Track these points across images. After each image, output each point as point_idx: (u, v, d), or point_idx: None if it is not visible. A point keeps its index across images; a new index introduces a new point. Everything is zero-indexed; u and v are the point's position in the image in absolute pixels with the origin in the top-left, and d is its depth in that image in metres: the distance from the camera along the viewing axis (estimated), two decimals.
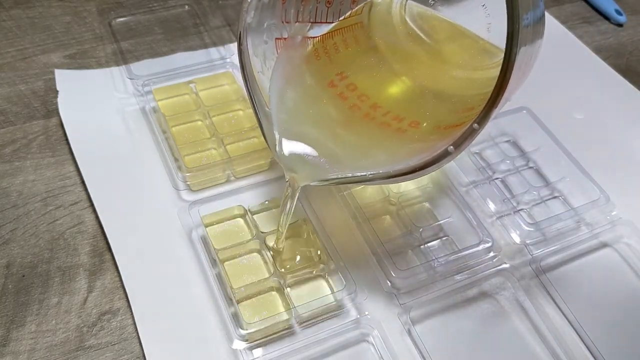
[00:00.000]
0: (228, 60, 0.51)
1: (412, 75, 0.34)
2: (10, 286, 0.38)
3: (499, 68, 0.26)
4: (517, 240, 0.43)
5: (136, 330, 0.36)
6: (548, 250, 0.42)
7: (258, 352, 0.36)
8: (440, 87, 0.34)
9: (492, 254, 0.41)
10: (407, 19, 0.36)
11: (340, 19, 0.37)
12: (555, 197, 0.46)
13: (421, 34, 0.35)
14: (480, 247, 0.41)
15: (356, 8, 0.37)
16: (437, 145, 0.30)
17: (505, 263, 0.41)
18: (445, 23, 0.36)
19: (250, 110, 0.46)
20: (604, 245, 0.43)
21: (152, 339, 0.36)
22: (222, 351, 0.36)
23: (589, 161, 0.47)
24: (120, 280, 0.38)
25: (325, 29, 0.37)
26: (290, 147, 0.34)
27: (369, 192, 0.44)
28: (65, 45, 0.53)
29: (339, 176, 0.33)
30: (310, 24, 0.36)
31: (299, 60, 0.36)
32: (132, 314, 0.37)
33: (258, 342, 0.36)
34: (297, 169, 0.34)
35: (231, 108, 0.47)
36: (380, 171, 0.31)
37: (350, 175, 0.33)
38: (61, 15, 0.56)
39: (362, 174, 0.32)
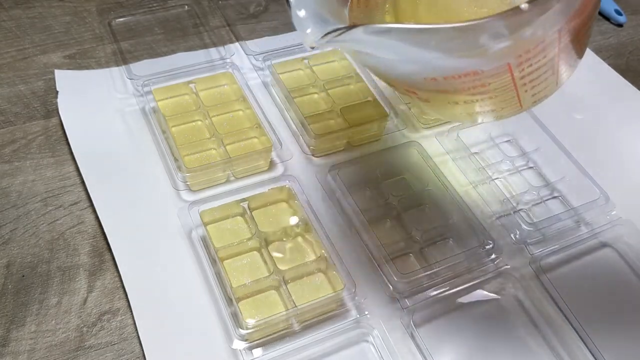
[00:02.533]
0: (228, 60, 0.51)
1: None
2: (10, 286, 0.38)
3: None
4: (517, 240, 0.43)
5: (136, 330, 0.36)
6: (548, 250, 0.42)
7: (258, 352, 0.36)
8: None
9: (493, 255, 0.41)
10: None
11: None
12: (555, 197, 0.46)
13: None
14: (481, 249, 0.41)
15: None
16: None
17: (506, 264, 0.41)
18: None
19: (250, 111, 0.46)
20: (604, 245, 0.43)
21: (152, 339, 0.36)
22: (222, 351, 0.36)
23: (589, 161, 0.47)
24: (120, 280, 0.38)
25: None
26: (301, 12, 0.32)
27: (369, 196, 0.44)
28: (65, 45, 0.53)
29: (347, 25, 0.29)
30: None
31: None
32: (132, 314, 0.37)
33: (258, 342, 0.36)
34: (305, 27, 0.31)
35: (231, 108, 0.47)
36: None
37: (359, 24, 0.28)
38: (61, 15, 0.56)
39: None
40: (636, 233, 0.43)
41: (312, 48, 0.32)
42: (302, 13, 0.31)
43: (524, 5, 0.23)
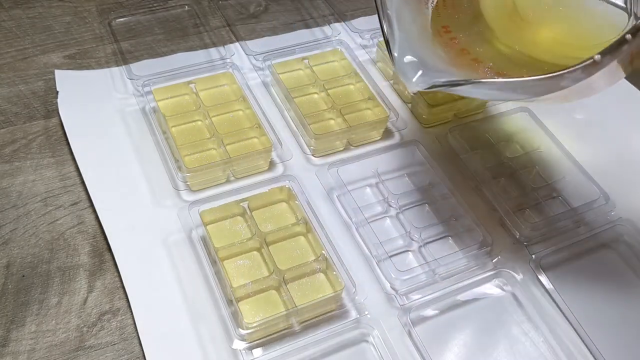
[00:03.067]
0: (228, 60, 0.51)
1: (507, 40, 0.35)
2: (10, 286, 0.38)
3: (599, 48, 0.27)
4: (517, 240, 0.43)
5: (136, 330, 0.36)
6: (548, 250, 0.42)
7: (258, 352, 0.36)
8: (534, 54, 0.35)
9: (492, 255, 0.41)
10: None
11: None
12: (554, 197, 0.46)
13: (522, 9, 0.36)
14: (481, 248, 0.41)
15: None
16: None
17: (506, 264, 0.41)
18: None
19: (250, 111, 0.46)
20: (604, 245, 0.43)
21: (152, 339, 0.36)
22: (222, 351, 0.36)
23: (589, 161, 0.47)
24: (120, 280, 0.38)
25: None
26: (404, 53, 0.35)
27: (369, 195, 0.44)
28: (65, 45, 0.53)
29: (451, 80, 0.33)
30: None
31: None
32: (132, 314, 0.37)
33: (258, 342, 0.36)
34: (408, 74, 0.35)
35: (231, 108, 0.47)
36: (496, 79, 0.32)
37: (462, 80, 0.33)
38: (61, 15, 0.56)
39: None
40: (636, 233, 0.43)
41: (414, 93, 0.37)
42: (407, 60, 0.35)
43: (597, 57, 0.27)
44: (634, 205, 0.45)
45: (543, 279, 0.41)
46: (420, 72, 0.35)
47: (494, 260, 0.41)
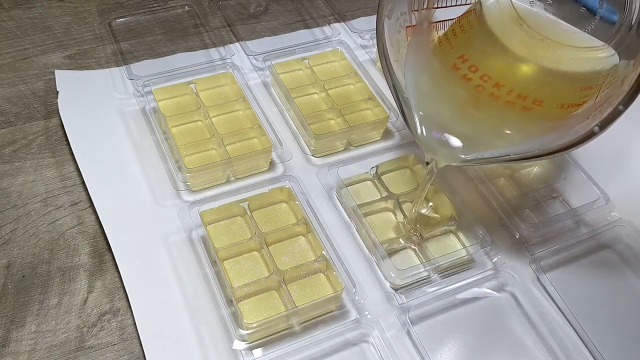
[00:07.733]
0: (228, 60, 0.51)
1: (526, 55, 0.36)
2: (10, 286, 0.38)
3: (606, 51, 0.30)
4: (517, 240, 0.43)
5: (136, 330, 0.36)
6: (548, 250, 0.42)
7: (258, 352, 0.36)
8: (552, 66, 0.36)
9: (492, 254, 0.41)
10: (515, 8, 0.37)
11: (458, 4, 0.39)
12: (554, 198, 0.46)
13: (526, 20, 0.37)
14: (481, 247, 0.41)
15: None
16: (569, 124, 0.33)
17: (506, 263, 0.41)
18: (542, 16, 0.38)
19: (250, 111, 0.46)
20: (604, 245, 0.43)
21: (152, 339, 0.36)
22: (222, 351, 0.36)
23: (589, 161, 0.47)
24: (120, 280, 0.38)
25: (447, 13, 0.39)
26: (429, 130, 0.37)
27: (368, 192, 0.44)
28: (65, 45, 0.53)
29: (478, 157, 0.35)
30: (434, 9, 0.39)
31: (426, 46, 0.38)
32: (132, 314, 0.37)
33: (258, 342, 0.36)
34: (437, 151, 0.37)
35: (231, 108, 0.47)
36: (521, 150, 0.34)
37: (488, 156, 0.35)
38: (61, 15, 0.56)
39: (503, 153, 0.34)
40: (636, 234, 0.43)
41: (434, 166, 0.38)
42: (431, 137, 0.36)
43: (596, 129, 0.31)
44: (634, 206, 0.45)
45: (543, 279, 0.41)
46: (446, 149, 0.36)
47: (493, 260, 0.41)
